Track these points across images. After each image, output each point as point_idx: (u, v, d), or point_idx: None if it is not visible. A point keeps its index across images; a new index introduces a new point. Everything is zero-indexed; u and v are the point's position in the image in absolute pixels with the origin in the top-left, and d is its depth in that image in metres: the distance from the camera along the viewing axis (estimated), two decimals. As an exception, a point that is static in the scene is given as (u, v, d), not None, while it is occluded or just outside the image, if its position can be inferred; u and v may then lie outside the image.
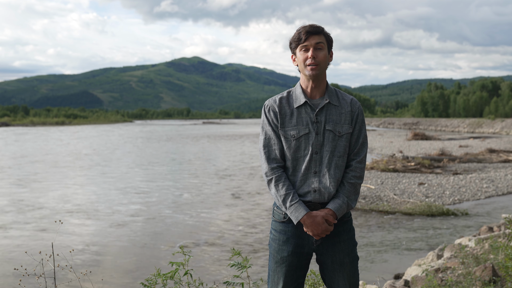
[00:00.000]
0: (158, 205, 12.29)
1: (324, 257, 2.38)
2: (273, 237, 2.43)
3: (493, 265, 4.43)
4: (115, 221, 10.41)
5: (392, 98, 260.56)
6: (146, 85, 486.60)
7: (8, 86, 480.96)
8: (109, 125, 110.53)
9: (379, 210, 11.02)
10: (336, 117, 2.35)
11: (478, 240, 6.47)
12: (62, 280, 4.45)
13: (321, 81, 2.37)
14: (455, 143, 34.25)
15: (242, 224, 10.06)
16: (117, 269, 7.19)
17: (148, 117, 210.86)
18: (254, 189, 14.65)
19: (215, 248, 8.25)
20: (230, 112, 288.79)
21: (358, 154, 2.39)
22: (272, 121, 2.37)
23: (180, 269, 3.08)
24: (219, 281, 5.94)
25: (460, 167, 18.64)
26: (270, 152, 2.37)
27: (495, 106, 78.05)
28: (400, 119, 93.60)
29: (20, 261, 7.24)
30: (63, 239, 8.75)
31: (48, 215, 10.88)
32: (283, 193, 2.31)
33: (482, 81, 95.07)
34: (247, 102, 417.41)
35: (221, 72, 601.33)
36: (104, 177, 17.68)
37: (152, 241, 8.80)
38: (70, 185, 15.66)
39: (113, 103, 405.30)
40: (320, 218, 2.28)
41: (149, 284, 3.09)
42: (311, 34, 2.31)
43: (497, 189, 13.55)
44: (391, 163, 18.23)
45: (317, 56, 2.31)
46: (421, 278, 4.87)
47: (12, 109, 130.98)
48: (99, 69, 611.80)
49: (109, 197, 13.42)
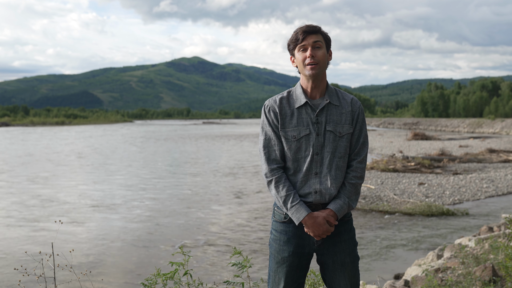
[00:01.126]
0: (158, 205, 12.28)
1: (325, 257, 2.38)
2: (274, 238, 2.42)
3: (493, 265, 4.43)
4: (115, 221, 10.41)
5: (392, 98, 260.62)
6: (146, 85, 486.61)
7: (8, 86, 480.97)
8: (109, 125, 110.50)
9: (379, 210, 11.01)
10: (336, 117, 2.35)
11: (478, 240, 6.46)
12: (62, 280, 4.45)
13: (321, 81, 2.36)
14: (455, 143, 34.25)
15: (242, 224, 10.05)
16: (117, 269, 7.19)
17: (148, 117, 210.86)
18: (254, 189, 14.65)
19: (215, 248, 8.25)
20: (230, 112, 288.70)
21: (358, 154, 2.39)
22: (272, 121, 2.36)
23: (180, 269, 3.08)
24: (219, 281, 5.94)
25: (460, 167, 18.63)
26: (270, 153, 2.37)
27: (495, 106, 78.03)
28: (400, 119, 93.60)
29: (20, 261, 7.24)
30: (63, 239, 8.75)
31: (48, 215, 10.88)
32: (284, 194, 2.31)
33: (482, 81, 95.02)
34: (247, 102, 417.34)
35: (221, 72, 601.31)
36: (104, 177, 17.68)
37: (152, 241, 8.80)
38: (70, 185, 15.66)
39: (113, 103, 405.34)
40: (322, 219, 2.28)
41: (149, 284, 3.09)
42: (308, 33, 2.30)
43: (497, 189, 13.54)
44: (391, 163, 18.24)
45: (316, 55, 2.30)
46: (421, 278, 4.87)
47: (12, 109, 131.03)
48: (99, 69, 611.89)
49: (109, 197, 13.42)
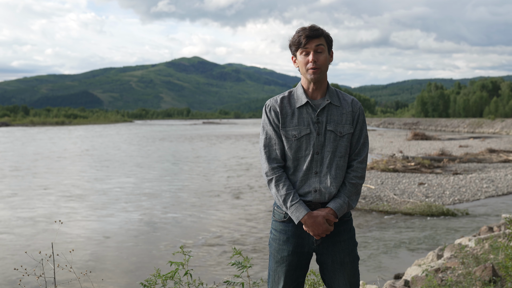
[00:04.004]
0: (158, 205, 12.29)
1: (324, 257, 2.38)
2: (273, 237, 2.43)
3: (493, 265, 4.43)
4: (115, 221, 10.41)
5: (392, 98, 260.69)
6: (146, 85, 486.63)
7: (8, 86, 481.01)
8: (109, 125, 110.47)
9: (379, 210, 11.01)
10: (337, 118, 2.36)
11: (478, 240, 6.47)
12: (62, 280, 4.45)
13: (322, 83, 2.38)
14: (455, 143, 34.25)
15: (242, 224, 10.05)
16: (117, 269, 7.19)
17: (148, 117, 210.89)
18: (254, 189, 14.65)
19: (215, 248, 8.25)
20: (230, 112, 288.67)
21: (359, 154, 2.40)
22: (273, 121, 2.38)
23: (180, 269, 3.08)
24: (219, 281, 5.94)
25: (460, 167, 18.63)
26: (270, 152, 2.38)
27: (495, 106, 77.99)
28: (400, 119, 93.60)
29: (20, 261, 7.24)
30: (63, 239, 8.75)
31: (48, 215, 10.88)
32: (284, 193, 2.31)
33: (482, 81, 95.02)
34: (247, 102, 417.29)
35: (221, 72, 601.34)
36: (104, 177, 17.68)
37: (152, 241, 8.80)
38: (70, 185, 15.66)
39: (113, 103, 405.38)
40: (321, 218, 2.28)
41: (149, 284, 3.09)
42: (311, 38, 2.31)
43: (497, 189, 13.54)
44: (391, 163, 18.24)
45: (318, 60, 2.32)
46: (421, 278, 4.87)
47: (12, 109, 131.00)
48: (99, 69, 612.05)
49: (109, 197, 13.42)
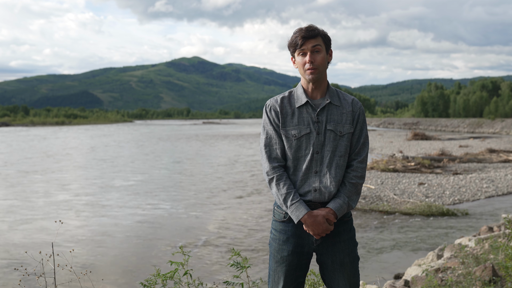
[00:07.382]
0: (158, 205, 12.29)
1: (324, 257, 2.38)
2: (273, 237, 2.43)
3: (493, 265, 4.43)
4: (116, 221, 10.41)
5: (392, 98, 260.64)
6: (146, 85, 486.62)
7: (8, 86, 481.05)
8: (109, 125, 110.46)
9: (379, 210, 11.01)
10: (337, 117, 2.36)
11: (478, 240, 6.47)
12: (62, 280, 4.45)
13: (321, 82, 2.39)
14: (455, 143, 34.25)
15: (242, 224, 10.05)
16: (117, 269, 7.19)
17: (148, 117, 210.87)
18: (254, 189, 14.65)
19: (215, 248, 8.25)
20: (230, 112, 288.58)
21: (359, 154, 2.40)
22: (274, 120, 2.38)
23: (180, 269, 3.08)
24: (219, 281, 5.94)
25: (460, 167, 18.63)
26: (271, 151, 2.38)
27: (495, 106, 77.96)
28: (400, 119, 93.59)
29: (20, 261, 7.24)
30: (63, 239, 8.75)
31: (48, 215, 10.88)
32: (284, 192, 2.32)
33: (482, 81, 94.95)
34: (247, 102, 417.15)
35: (221, 72, 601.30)
36: (104, 177, 17.68)
37: (152, 241, 8.80)
38: (69, 185, 15.66)
39: (113, 103, 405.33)
40: (321, 218, 2.28)
41: (149, 284, 3.09)
42: (307, 38, 2.32)
43: (497, 189, 13.54)
44: (391, 163, 18.23)
45: (315, 60, 2.32)
46: (421, 278, 4.87)
47: (12, 109, 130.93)
48: (99, 69, 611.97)
49: (109, 197, 13.42)
